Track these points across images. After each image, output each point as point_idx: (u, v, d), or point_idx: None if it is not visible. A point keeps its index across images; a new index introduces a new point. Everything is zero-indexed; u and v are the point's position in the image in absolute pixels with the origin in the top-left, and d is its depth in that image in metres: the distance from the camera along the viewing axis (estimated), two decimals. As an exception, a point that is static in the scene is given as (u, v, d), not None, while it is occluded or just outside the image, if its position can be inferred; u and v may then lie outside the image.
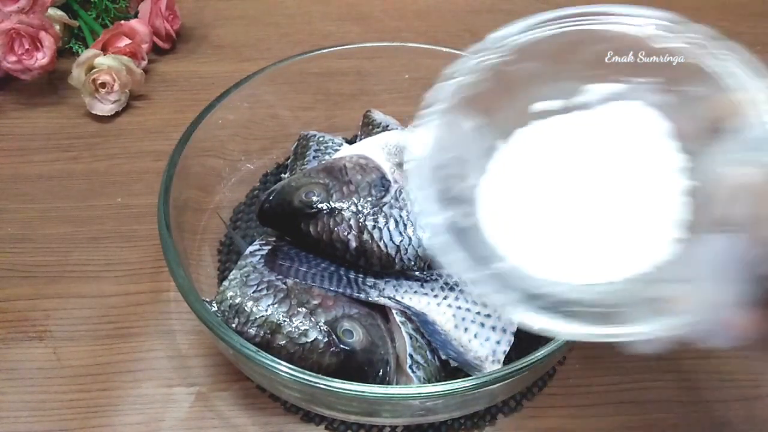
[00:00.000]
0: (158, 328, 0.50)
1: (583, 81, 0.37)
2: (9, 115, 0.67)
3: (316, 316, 0.42)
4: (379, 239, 0.45)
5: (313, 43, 0.57)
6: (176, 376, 0.47)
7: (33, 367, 0.47)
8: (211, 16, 0.80)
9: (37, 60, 0.65)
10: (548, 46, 0.35)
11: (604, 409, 0.46)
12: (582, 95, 0.37)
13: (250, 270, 0.45)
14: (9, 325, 0.50)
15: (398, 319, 0.44)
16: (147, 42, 0.70)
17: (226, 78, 0.55)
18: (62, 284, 0.52)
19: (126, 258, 0.54)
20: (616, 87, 0.36)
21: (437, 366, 0.43)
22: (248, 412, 0.45)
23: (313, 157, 0.54)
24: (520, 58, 0.36)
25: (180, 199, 0.47)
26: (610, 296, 0.34)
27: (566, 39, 0.35)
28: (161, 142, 0.62)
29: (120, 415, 0.45)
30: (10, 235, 0.56)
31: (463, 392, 0.38)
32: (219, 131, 0.53)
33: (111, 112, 0.66)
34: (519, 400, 0.46)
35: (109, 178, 0.61)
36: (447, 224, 0.35)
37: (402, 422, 0.45)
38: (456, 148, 0.37)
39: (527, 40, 0.36)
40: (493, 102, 0.38)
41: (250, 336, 0.41)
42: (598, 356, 0.48)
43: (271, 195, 0.48)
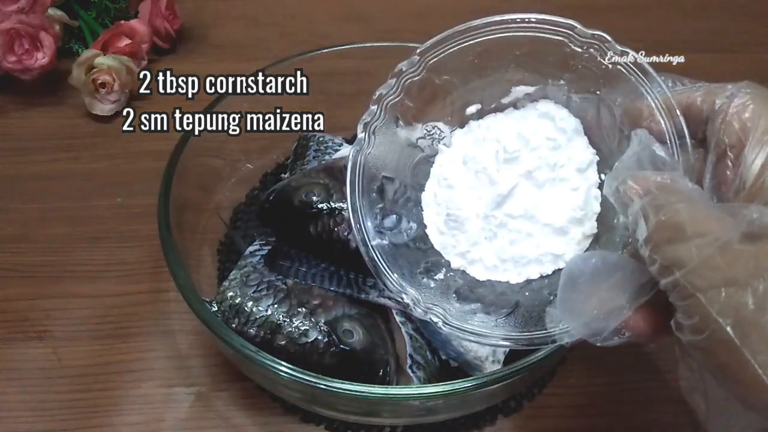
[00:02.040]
0: (158, 328, 0.50)
1: (504, 85, 0.39)
2: (9, 115, 0.67)
3: (316, 316, 0.42)
4: (379, 239, 0.45)
5: (313, 43, 0.57)
6: (176, 376, 0.47)
7: (33, 367, 0.47)
8: (211, 16, 0.79)
9: (37, 60, 0.65)
10: (465, 57, 0.38)
11: (604, 409, 0.46)
12: (507, 96, 0.39)
13: (250, 270, 0.45)
14: (9, 325, 0.50)
15: (398, 319, 0.44)
16: (147, 42, 0.70)
17: (226, 78, 0.55)
18: (62, 284, 0.52)
19: (126, 258, 0.54)
20: (534, 89, 0.38)
21: (437, 366, 0.43)
22: (248, 412, 0.45)
23: (313, 157, 0.54)
24: (443, 69, 0.38)
25: (180, 199, 0.47)
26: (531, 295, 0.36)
27: (482, 47, 0.37)
28: (161, 142, 0.61)
29: (120, 415, 0.45)
30: (10, 235, 0.56)
31: (463, 392, 0.38)
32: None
33: (111, 112, 0.66)
34: (519, 400, 0.46)
35: (109, 178, 0.61)
36: (383, 244, 0.38)
37: (402, 422, 0.45)
38: (393, 161, 0.40)
39: (448, 53, 0.37)
40: (424, 112, 0.40)
41: (250, 336, 0.41)
42: (598, 356, 0.48)
43: (271, 195, 0.48)
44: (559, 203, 0.37)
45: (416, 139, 0.40)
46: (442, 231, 0.39)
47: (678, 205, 0.26)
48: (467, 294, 0.37)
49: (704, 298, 0.24)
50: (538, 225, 0.37)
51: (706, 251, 0.24)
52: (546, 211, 0.37)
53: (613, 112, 0.35)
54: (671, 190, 0.27)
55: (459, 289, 0.38)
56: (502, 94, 0.39)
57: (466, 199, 0.38)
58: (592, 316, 0.29)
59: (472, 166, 0.38)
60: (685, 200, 0.26)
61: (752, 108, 0.28)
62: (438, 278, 0.38)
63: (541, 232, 0.37)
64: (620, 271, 0.29)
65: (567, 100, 0.38)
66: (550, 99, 0.38)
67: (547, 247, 0.37)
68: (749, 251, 0.24)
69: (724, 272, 0.24)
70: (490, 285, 0.37)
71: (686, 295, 0.25)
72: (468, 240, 0.38)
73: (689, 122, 0.31)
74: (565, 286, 0.31)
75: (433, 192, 0.39)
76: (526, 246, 0.37)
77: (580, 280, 0.30)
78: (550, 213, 0.36)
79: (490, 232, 0.37)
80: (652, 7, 0.84)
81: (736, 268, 0.24)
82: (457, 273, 0.38)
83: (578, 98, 0.37)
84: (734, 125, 0.29)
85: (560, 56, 0.36)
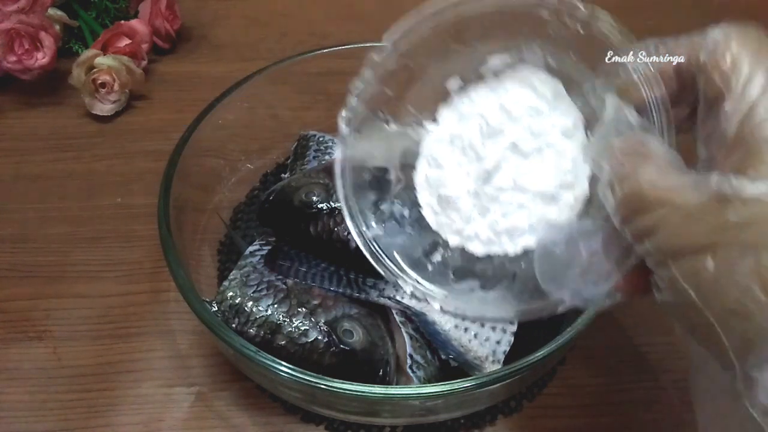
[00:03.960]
0: (158, 328, 0.50)
1: (480, 56, 0.38)
2: (9, 115, 0.67)
3: (316, 316, 0.42)
4: (379, 239, 0.45)
5: (313, 43, 0.57)
6: (176, 376, 0.47)
7: (33, 367, 0.47)
8: (211, 16, 0.79)
9: (37, 60, 0.65)
10: (437, 36, 0.37)
11: (604, 409, 0.46)
12: (485, 65, 0.39)
13: (250, 270, 0.45)
14: (9, 325, 0.50)
15: (398, 319, 0.44)
16: (147, 42, 0.70)
17: (226, 78, 0.55)
18: (62, 284, 0.52)
19: (126, 258, 0.54)
20: (510, 56, 0.38)
21: (437, 366, 0.43)
22: (248, 412, 0.45)
23: (313, 157, 0.54)
24: (417, 52, 0.38)
25: (180, 199, 0.47)
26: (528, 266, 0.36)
27: (452, 24, 0.37)
28: (161, 142, 0.61)
29: (120, 415, 0.45)
30: (10, 235, 0.56)
31: (463, 392, 0.38)
32: (219, 131, 0.53)
33: (111, 112, 0.66)
34: (519, 400, 0.46)
35: (109, 178, 0.61)
36: (378, 234, 0.38)
37: (402, 422, 0.45)
38: (382, 151, 0.40)
39: (419, 36, 0.37)
40: (405, 97, 0.40)
41: (250, 336, 0.41)
42: (598, 356, 0.48)
43: (271, 195, 0.48)
44: (548, 170, 0.37)
45: (403, 124, 0.41)
46: (436, 211, 0.39)
47: (641, 176, 0.26)
48: (465, 272, 0.38)
49: (672, 265, 0.25)
50: (528, 195, 0.37)
51: (668, 221, 0.25)
52: (535, 180, 0.37)
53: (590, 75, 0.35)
54: (638, 157, 0.27)
55: (457, 268, 0.38)
56: (480, 64, 0.39)
57: (456, 177, 0.38)
58: (578, 284, 0.30)
59: (459, 143, 0.38)
60: (651, 168, 0.26)
61: (732, 55, 0.27)
62: (436, 260, 0.38)
63: (533, 202, 0.37)
64: (598, 235, 0.29)
65: (545, 63, 0.38)
66: (526, 63, 0.38)
67: (540, 216, 0.37)
68: (709, 219, 0.24)
69: (686, 239, 0.25)
70: (488, 259, 0.37)
71: (656, 261, 0.26)
72: (461, 217, 0.38)
73: (684, 87, 0.30)
74: (541, 258, 0.31)
75: (424, 173, 0.40)
76: (518, 217, 0.37)
77: (556, 250, 0.30)
78: (539, 181, 0.36)
79: (482, 208, 0.37)
80: (653, 7, 0.84)
81: (697, 235, 0.24)
82: (456, 251, 0.38)
83: (554, 61, 0.37)
84: (715, 77, 0.28)
85: (531, 24, 0.36)
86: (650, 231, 0.26)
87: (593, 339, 0.49)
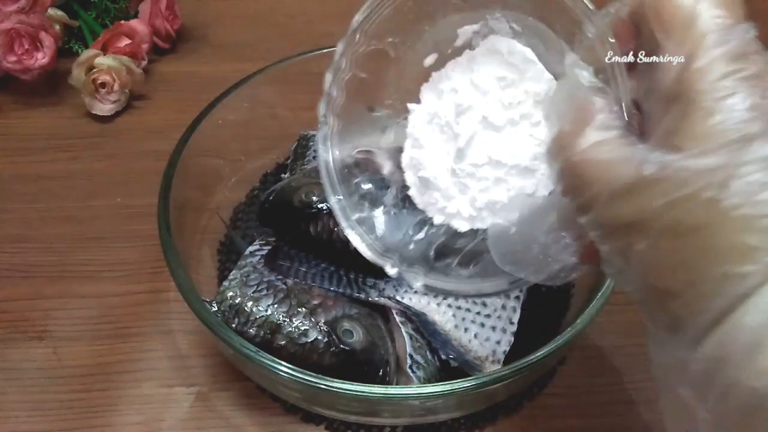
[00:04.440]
0: (158, 328, 0.50)
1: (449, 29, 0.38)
2: (9, 115, 0.67)
3: (316, 316, 0.42)
4: (379, 239, 0.45)
5: (313, 43, 0.57)
6: (176, 376, 0.47)
7: (33, 367, 0.47)
8: (211, 16, 0.79)
9: (37, 60, 0.65)
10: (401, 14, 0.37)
11: (604, 409, 0.46)
12: (458, 39, 0.39)
13: (250, 270, 0.45)
14: (9, 325, 0.50)
15: (398, 319, 0.44)
16: (147, 42, 0.70)
17: (226, 78, 0.55)
18: (62, 284, 0.52)
19: (126, 258, 0.54)
20: (479, 25, 0.38)
21: (437, 366, 0.43)
22: (248, 412, 0.45)
23: (313, 157, 0.54)
24: (384, 33, 0.38)
25: (180, 199, 0.47)
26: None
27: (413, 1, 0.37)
28: (161, 142, 0.61)
29: (120, 415, 0.45)
30: (10, 235, 0.56)
31: (463, 392, 0.38)
32: (219, 131, 0.53)
33: (111, 112, 0.66)
34: (519, 400, 0.46)
35: (109, 178, 0.61)
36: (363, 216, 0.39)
37: (402, 422, 0.45)
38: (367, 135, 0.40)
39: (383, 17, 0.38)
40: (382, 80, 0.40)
41: (250, 336, 0.41)
42: (598, 356, 0.48)
43: (271, 195, 0.48)
44: (521, 143, 0.36)
45: (388, 108, 0.40)
46: (421, 191, 0.39)
47: (578, 146, 0.26)
48: (447, 250, 0.38)
49: (606, 241, 0.25)
50: (504, 169, 0.36)
51: (599, 197, 0.25)
52: (509, 153, 0.36)
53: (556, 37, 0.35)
54: (578, 124, 0.26)
55: (439, 246, 0.38)
56: (452, 38, 0.39)
57: (436, 156, 0.38)
58: (539, 263, 0.29)
59: (437, 122, 0.38)
60: (589, 136, 0.26)
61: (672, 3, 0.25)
62: (418, 238, 0.38)
63: (509, 175, 0.37)
64: (553, 211, 0.29)
65: (512, 31, 0.37)
66: (496, 33, 0.38)
67: (518, 189, 0.36)
68: (636, 199, 0.24)
69: (615, 218, 0.24)
70: (471, 234, 0.38)
71: (594, 235, 0.26)
72: (443, 196, 0.38)
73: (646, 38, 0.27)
74: (496, 242, 0.31)
75: (409, 155, 0.40)
76: (497, 192, 0.37)
77: (511, 231, 0.30)
78: (513, 155, 0.36)
79: (461, 185, 0.37)
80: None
81: (626, 214, 0.24)
82: (441, 228, 0.38)
83: (519, 27, 0.37)
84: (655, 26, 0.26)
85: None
86: (586, 205, 0.25)
87: (593, 339, 0.49)
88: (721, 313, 0.22)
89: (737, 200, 0.21)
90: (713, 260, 0.22)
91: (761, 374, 0.20)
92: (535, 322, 0.45)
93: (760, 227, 0.21)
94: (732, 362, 0.21)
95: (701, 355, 0.22)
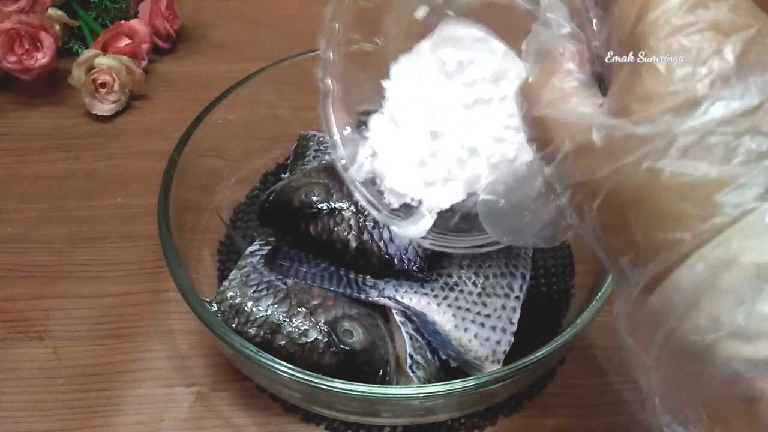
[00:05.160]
0: (158, 328, 0.50)
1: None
2: (9, 115, 0.67)
3: (316, 316, 0.42)
4: (379, 239, 0.45)
5: (313, 43, 0.57)
6: (176, 376, 0.47)
7: (33, 367, 0.47)
8: (211, 16, 0.79)
9: (37, 60, 0.65)
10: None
11: (604, 409, 0.46)
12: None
13: (250, 270, 0.45)
14: (9, 325, 0.50)
15: (398, 319, 0.44)
16: (147, 42, 0.70)
17: (226, 78, 0.55)
18: (62, 284, 0.52)
19: (126, 258, 0.54)
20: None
21: (437, 366, 0.43)
22: (248, 412, 0.45)
23: (313, 157, 0.54)
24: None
25: (180, 199, 0.47)
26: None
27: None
28: (161, 142, 0.61)
29: (120, 415, 0.45)
30: (10, 235, 0.56)
31: (463, 392, 0.38)
32: (219, 131, 0.53)
33: (111, 112, 0.66)
34: (519, 400, 0.46)
35: (109, 178, 0.61)
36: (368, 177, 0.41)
37: (402, 422, 0.45)
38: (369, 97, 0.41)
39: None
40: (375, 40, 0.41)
41: (250, 336, 0.41)
42: (597, 356, 0.48)
43: (271, 195, 0.48)
44: (493, 118, 0.38)
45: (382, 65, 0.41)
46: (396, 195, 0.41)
47: (544, 96, 0.26)
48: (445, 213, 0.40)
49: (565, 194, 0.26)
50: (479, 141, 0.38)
51: (557, 151, 0.25)
52: (483, 131, 0.38)
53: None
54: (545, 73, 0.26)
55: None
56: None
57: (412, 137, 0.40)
58: (534, 228, 0.30)
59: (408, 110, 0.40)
60: (555, 86, 0.26)
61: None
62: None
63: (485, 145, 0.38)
64: (538, 176, 0.29)
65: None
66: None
67: (499, 156, 0.38)
68: (587, 159, 0.24)
69: (571, 175, 0.25)
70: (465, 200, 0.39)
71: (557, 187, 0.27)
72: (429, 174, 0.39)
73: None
74: (488, 218, 0.31)
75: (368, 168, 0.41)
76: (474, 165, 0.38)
77: (500, 204, 0.31)
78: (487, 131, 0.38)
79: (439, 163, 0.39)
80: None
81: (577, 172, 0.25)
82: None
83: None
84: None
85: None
86: (546, 159, 0.26)
87: (593, 339, 0.49)
88: (660, 273, 0.23)
89: (674, 168, 0.22)
90: (653, 225, 0.23)
91: (696, 330, 0.21)
92: (535, 322, 0.45)
93: (693, 196, 0.22)
94: (672, 317, 0.22)
95: (647, 307, 0.24)
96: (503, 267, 0.45)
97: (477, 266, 0.45)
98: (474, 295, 0.44)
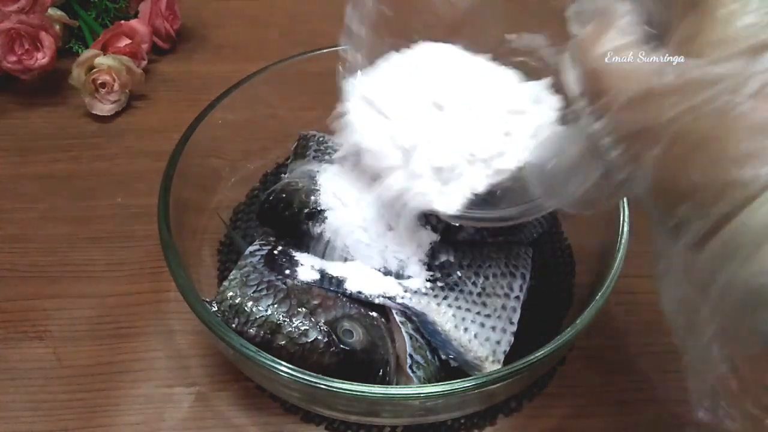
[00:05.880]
0: (158, 328, 0.50)
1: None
2: (9, 115, 0.67)
3: (316, 316, 0.42)
4: (379, 239, 0.45)
5: (313, 43, 0.57)
6: (176, 376, 0.47)
7: (33, 367, 0.47)
8: (211, 16, 0.79)
9: (37, 60, 0.65)
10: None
11: (604, 409, 0.46)
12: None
13: (250, 270, 0.44)
14: (9, 325, 0.50)
15: (398, 319, 0.44)
16: (147, 42, 0.70)
17: (226, 78, 0.55)
18: (62, 284, 0.52)
19: (126, 258, 0.54)
20: None
21: (437, 366, 0.43)
22: (248, 412, 0.45)
23: (313, 157, 0.54)
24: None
25: (180, 199, 0.47)
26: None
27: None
28: (161, 142, 0.61)
29: (120, 415, 0.45)
30: (10, 235, 0.56)
31: (463, 392, 0.38)
32: (219, 131, 0.53)
33: (111, 112, 0.66)
34: (519, 400, 0.46)
35: (109, 178, 0.61)
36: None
37: (402, 422, 0.45)
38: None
39: None
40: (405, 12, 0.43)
41: (250, 336, 0.41)
42: (597, 356, 0.48)
43: (271, 195, 0.48)
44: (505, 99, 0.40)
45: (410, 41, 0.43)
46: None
47: (599, 49, 0.26)
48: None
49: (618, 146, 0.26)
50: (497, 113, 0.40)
51: (615, 102, 0.25)
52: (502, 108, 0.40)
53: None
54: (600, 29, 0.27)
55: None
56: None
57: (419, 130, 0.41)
58: (583, 192, 0.30)
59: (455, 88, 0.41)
60: (610, 41, 0.26)
61: None
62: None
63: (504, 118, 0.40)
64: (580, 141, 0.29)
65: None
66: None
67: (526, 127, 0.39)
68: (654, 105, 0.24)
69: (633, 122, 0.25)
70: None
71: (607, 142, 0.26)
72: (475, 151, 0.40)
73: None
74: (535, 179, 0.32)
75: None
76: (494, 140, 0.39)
77: (548, 166, 0.31)
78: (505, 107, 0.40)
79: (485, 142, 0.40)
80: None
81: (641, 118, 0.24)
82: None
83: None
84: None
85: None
86: (602, 110, 0.26)
87: (593, 339, 0.49)
88: (725, 215, 0.22)
89: (745, 108, 0.22)
90: (721, 166, 0.23)
91: (762, 272, 0.21)
92: (535, 322, 0.45)
93: (765, 136, 0.22)
94: (735, 261, 0.22)
95: (707, 254, 0.23)
96: (503, 267, 0.45)
97: (477, 266, 0.45)
98: (474, 295, 0.44)
